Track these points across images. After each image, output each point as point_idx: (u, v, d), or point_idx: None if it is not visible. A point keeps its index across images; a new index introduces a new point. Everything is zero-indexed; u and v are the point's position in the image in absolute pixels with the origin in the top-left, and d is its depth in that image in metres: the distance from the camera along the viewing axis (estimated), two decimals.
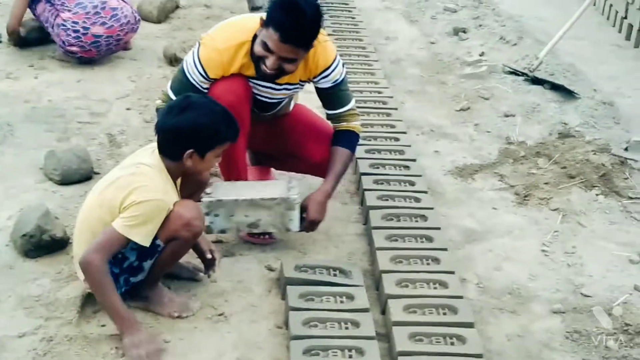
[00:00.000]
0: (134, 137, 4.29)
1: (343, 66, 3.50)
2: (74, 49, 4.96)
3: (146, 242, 2.85)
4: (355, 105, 3.58)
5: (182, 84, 3.36)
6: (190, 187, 3.16)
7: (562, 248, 3.68)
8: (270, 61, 3.21)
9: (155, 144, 3.01)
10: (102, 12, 4.93)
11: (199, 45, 3.36)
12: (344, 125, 3.55)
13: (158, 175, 2.92)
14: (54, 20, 4.95)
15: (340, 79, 3.48)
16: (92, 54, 5.02)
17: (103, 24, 4.94)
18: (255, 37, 3.28)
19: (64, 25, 4.90)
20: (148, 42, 5.48)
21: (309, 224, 3.43)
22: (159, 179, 2.92)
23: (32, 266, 3.24)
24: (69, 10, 4.90)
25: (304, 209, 3.40)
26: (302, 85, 3.54)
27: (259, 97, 3.48)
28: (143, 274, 3.02)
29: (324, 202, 3.45)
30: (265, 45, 3.20)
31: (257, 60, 3.27)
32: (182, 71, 3.38)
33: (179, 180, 3.08)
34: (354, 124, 3.56)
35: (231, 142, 3.06)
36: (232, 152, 3.30)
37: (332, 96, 3.51)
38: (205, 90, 3.35)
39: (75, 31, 4.90)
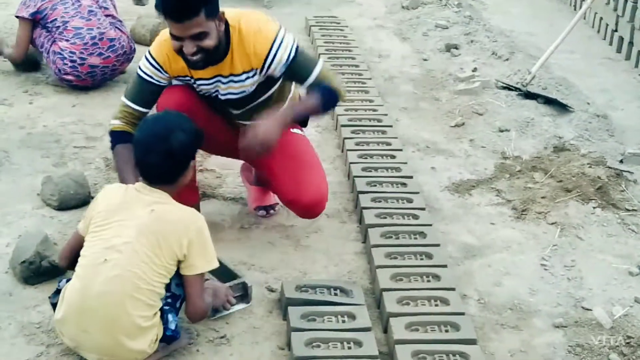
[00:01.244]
0: None
1: (294, 40, 3.35)
2: (70, 77, 4.97)
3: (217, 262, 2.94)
4: (324, 65, 3.42)
5: (136, 85, 3.42)
6: None
7: (562, 262, 3.68)
8: (187, 47, 3.15)
9: (126, 187, 2.95)
10: (99, 42, 4.95)
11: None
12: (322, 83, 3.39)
13: (174, 201, 2.92)
14: (50, 47, 4.96)
15: (292, 54, 3.32)
16: (87, 82, 5.03)
17: (100, 54, 4.96)
18: None
19: (60, 54, 4.91)
20: None
21: (252, 140, 3.23)
22: (178, 204, 2.92)
23: (31, 293, 3.23)
24: (67, 40, 4.91)
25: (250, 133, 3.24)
26: (258, 75, 3.38)
27: (225, 97, 3.45)
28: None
29: (272, 123, 3.26)
30: (173, 36, 3.16)
31: (182, 56, 3.23)
32: (136, 74, 3.43)
33: None
34: (334, 84, 3.40)
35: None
36: None
37: (295, 72, 3.38)
38: (161, 84, 3.40)
39: (72, 61, 4.91)
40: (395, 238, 3.63)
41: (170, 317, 2.83)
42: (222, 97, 3.46)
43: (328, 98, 3.40)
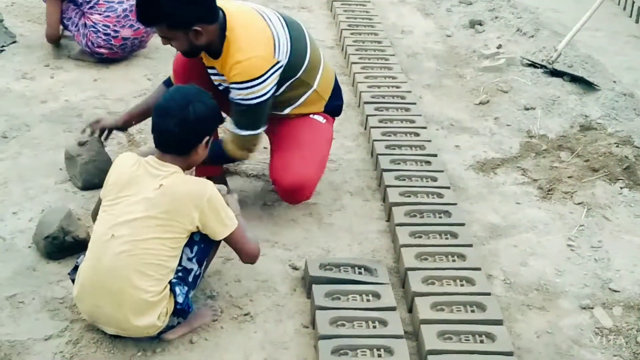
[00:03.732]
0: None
1: (264, 94, 3.29)
2: (102, 50, 4.97)
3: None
4: (245, 135, 3.37)
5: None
6: None
7: (588, 242, 3.64)
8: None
9: (138, 158, 2.90)
10: (130, 14, 4.94)
11: None
12: (224, 136, 3.47)
13: (184, 174, 2.89)
14: (79, 21, 4.96)
15: (247, 103, 3.29)
16: (118, 55, 5.06)
17: (131, 26, 4.96)
18: None
19: (94, 27, 4.91)
20: None
21: None
22: (186, 175, 2.89)
23: (55, 268, 3.23)
24: (100, 14, 4.91)
25: None
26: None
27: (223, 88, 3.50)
28: (200, 282, 3.00)
29: None
30: None
31: None
32: None
33: None
34: (230, 147, 3.41)
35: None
36: None
37: (234, 109, 3.36)
38: None
39: (106, 34, 4.91)
40: (420, 217, 3.60)
41: (177, 289, 2.81)
42: (221, 89, 3.49)
43: (218, 156, 3.45)
